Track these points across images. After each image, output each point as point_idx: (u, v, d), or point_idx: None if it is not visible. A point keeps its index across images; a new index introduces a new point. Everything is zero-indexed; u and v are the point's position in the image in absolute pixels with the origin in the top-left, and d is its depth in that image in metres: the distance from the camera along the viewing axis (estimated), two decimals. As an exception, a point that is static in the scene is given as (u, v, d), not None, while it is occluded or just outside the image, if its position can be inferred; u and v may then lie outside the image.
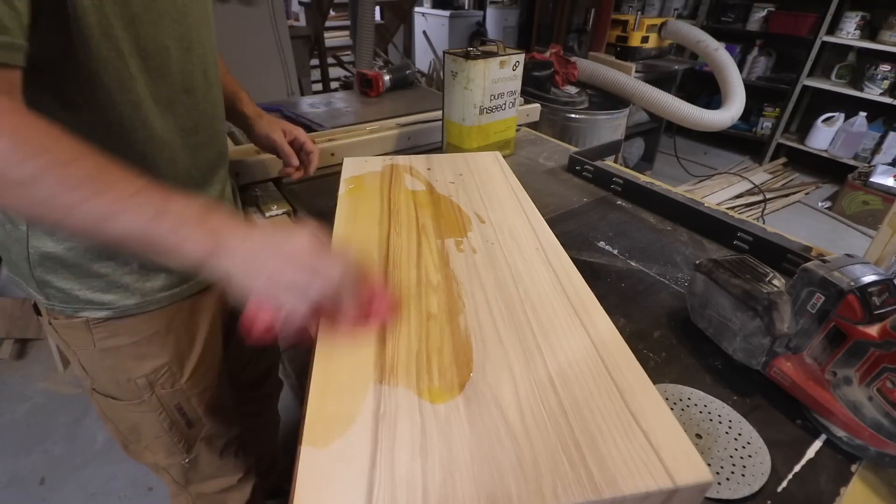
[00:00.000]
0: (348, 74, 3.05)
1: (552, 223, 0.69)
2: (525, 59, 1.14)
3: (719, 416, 0.55)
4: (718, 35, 3.00)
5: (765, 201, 2.89)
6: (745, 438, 0.52)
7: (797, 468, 0.50)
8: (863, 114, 3.07)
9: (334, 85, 2.74)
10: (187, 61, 0.59)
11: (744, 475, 0.48)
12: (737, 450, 0.51)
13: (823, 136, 3.27)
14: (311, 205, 1.00)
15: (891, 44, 2.87)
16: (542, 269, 0.58)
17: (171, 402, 0.73)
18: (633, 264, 0.83)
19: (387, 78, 1.49)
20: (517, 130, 1.29)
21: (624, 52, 3.01)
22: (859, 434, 0.50)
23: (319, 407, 0.39)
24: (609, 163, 1.22)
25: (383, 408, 0.40)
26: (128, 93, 0.53)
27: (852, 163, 3.12)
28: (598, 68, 2.46)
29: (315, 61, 2.79)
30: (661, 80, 2.91)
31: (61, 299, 0.61)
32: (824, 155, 3.28)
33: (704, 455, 0.50)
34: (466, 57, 1.02)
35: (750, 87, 2.84)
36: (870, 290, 0.50)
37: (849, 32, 3.03)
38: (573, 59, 2.42)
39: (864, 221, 2.80)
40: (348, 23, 3.53)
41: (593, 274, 0.80)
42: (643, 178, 1.07)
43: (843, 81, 3.23)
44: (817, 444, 0.53)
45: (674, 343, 0.66)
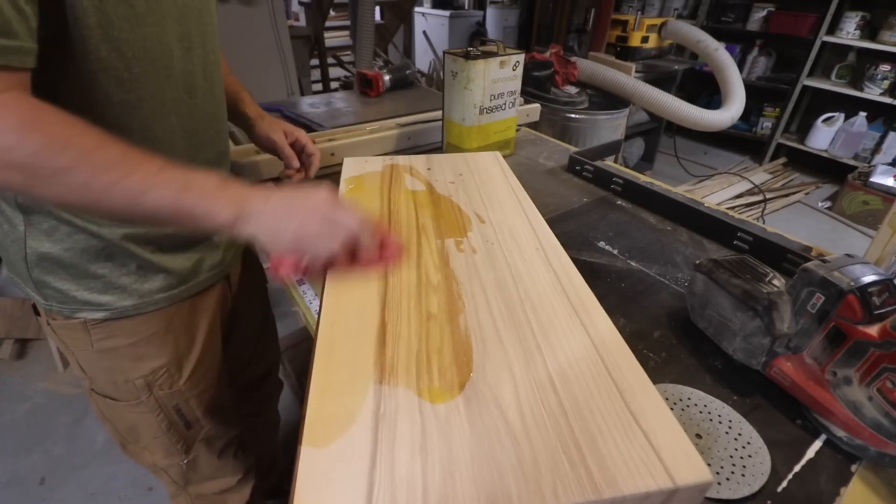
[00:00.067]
0: (348, 74, 3.05)
1: (552, 223, 0.69)
2: (525, 59, 1.14)
3: (719, 416, 0.55)
4: (718, 35, 3.00)
5: (765, 201, 2.89)
6: (745, 438, 0.52)
7: (797, 468, 0.50)
8: (863, 114, 3.07)
9: (334, 85, 2.74)
10: (188, 61, 0.59)
11: (744, 475, 0.48)
12: (737, 450, 0.51)
13: (823, 136, 3.27)
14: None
15: (891, 44, 2.87)
16: (542, 269, 0.58)
17: (170, 403, 0.73)
18: (633, 264, 0.83)
19: (387, 78, 1.49)
20: (517, 130, 1.29)
21: (624, 52, 3.01)
22: (859, 434, 0.50)
23: (319, 407, 0.39)
24: (609, 163, 1.22)
25: (383, 408, 0.39)
26: (127, 93, 0.53)
27: (852, 163, 3.12)
28: (598, 68, 2.46)
29: (315, 61, 2.79)
30: (661, 80, 2.91)
31: (59, 300, 0.61)
32: (824, 155, 3.29)
33: (704, 455, 0.50)
34: (466, 57, 1.02)
35: (750, 87, 2.84)
36: (870, 290, 0.50)
37: (849, 32, 3.03)
38: (573, 59, 2.42)
39: (864, 221, 2.80)
40: (348, 23, 3.53)
41: (593, 274, 0.80)
42: (643, 178, 1.07)
43: (843, 81, 3.23)
44: (817, 444, 0.53)
45: (674, 343, 0.66)
